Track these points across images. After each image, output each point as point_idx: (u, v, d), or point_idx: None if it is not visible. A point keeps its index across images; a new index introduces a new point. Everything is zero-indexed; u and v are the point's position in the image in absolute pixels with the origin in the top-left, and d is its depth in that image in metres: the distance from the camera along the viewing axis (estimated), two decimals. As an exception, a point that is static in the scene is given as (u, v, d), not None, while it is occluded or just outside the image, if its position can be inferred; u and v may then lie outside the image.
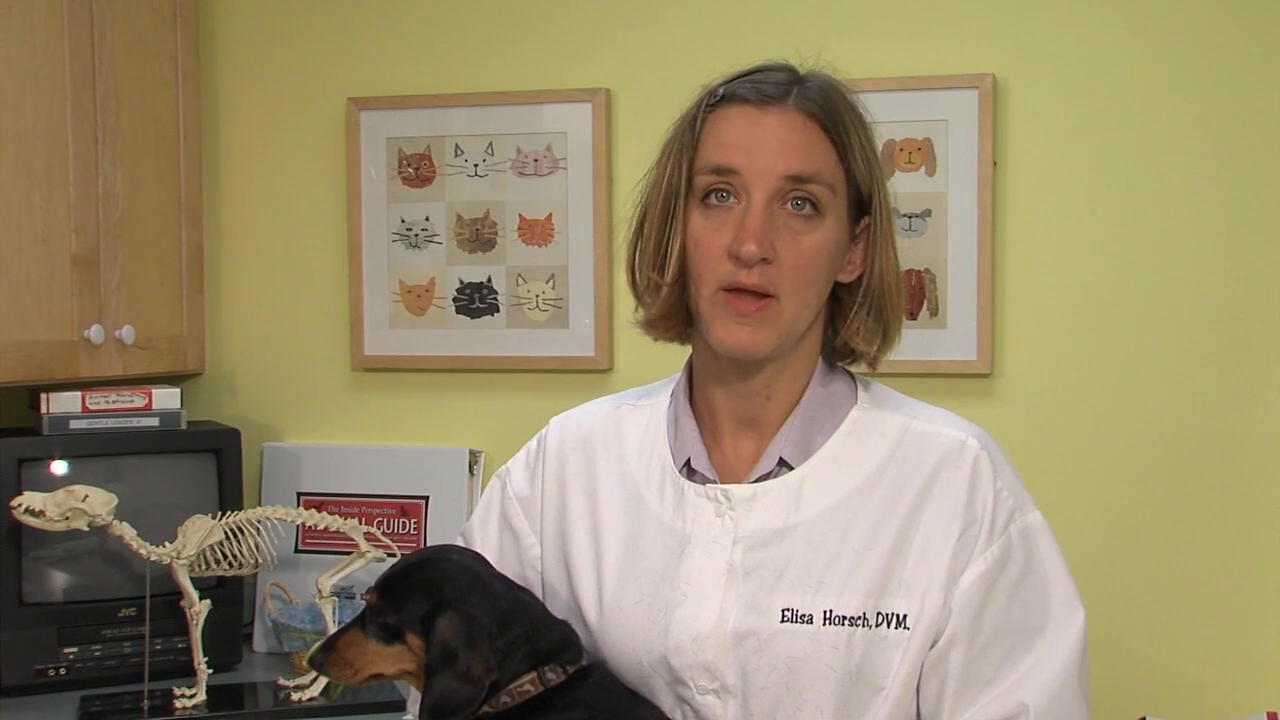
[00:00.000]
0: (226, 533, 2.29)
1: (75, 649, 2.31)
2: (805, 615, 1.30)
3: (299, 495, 2.62)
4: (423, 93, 2.59)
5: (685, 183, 1.34)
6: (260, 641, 2.56)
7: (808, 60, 1.38)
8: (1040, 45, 2.35)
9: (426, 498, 2.58)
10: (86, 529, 2.17)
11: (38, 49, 2.20)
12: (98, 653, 2.33)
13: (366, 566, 2.32)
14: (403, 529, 2.57)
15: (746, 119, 1.32)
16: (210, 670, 2.25)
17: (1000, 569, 1.31)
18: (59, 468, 2.33)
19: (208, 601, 2.25)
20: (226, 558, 2.30)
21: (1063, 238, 2.36)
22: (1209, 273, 2.30)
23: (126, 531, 2.20)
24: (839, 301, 1.39)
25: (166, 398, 2.45)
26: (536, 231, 2.56)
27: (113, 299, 2.37)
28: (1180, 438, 2.32)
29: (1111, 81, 2.33)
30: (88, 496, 2.16)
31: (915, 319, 2.38)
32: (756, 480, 1.36)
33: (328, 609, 2.29)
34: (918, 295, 2.39)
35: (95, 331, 2.29)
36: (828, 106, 1.33)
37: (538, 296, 2.56)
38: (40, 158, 2.21)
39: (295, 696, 2.23)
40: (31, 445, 2.33)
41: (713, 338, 1.33)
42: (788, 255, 1.30)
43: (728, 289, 1.31)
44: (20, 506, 2.14)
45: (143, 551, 2.21)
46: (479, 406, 2.61)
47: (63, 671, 2.31)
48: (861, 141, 1.35)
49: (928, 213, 2.38)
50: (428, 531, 2.57)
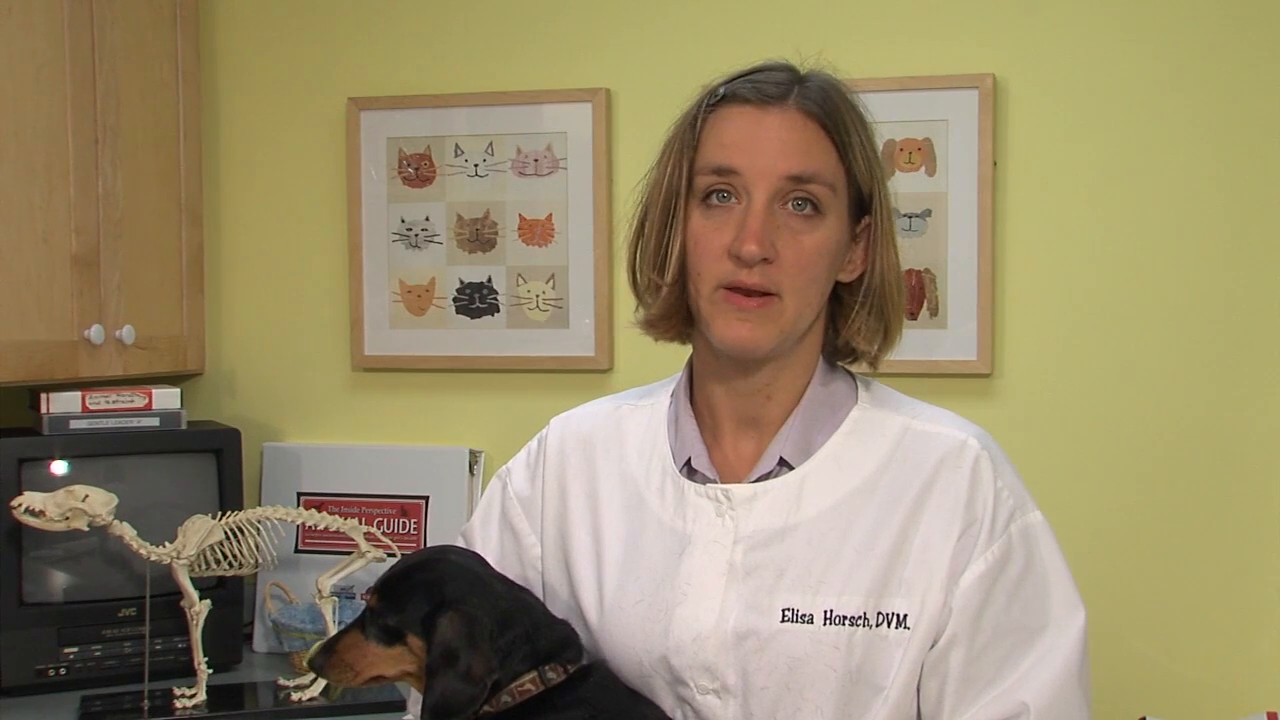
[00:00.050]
0: (226, 533, 2.29)
1: (75, 649, 2.31)
2: (806, 615, 1.30)
3: (299, 495, 2.62)
4: (423, 93, 2.59)
5: (686, 183, 1.34)
6: (260, 641, 2.56)
7: (808, 60, 1.38)
8: (1040, 45, 2.35)
9: (426, 498, 2.58)
10: (87, 529, 2.17)
11: (38, 49, 2.20)
12: (98, 653, 2.33)
13: (366, 566, 2.32)
14: (403, 529, 2.57)
15: (747, 119, 1.32)
16: (210, 670, 2.25)
17: (1001, 569, 1.31)
18: (59, 468, 2.33)
19: (208, 601, 2.25)
20: (226, 558, 2.30)
21: (1063, 238, 2.36)
22: (1209, 273, 2.31)
23: (126, 531, 2.20)
24: (840, 301, 1.39)
25: (166, 398, 2.45)
26: (536, 231, 2.56)
27: (113, 299, 2.37)
28: (1180, 438, 2.32)
29: (1111, 81, 2.33)
30: (88, 496, 2.16)
31: (915, 319, 2.38)
32: (757, 480, 1.36)
33: (328, 609, 2.29)
34: (918, 295, 2.39)
35: (95, 331, 2.29)
36: (828, 106, 1.33)
37: (538, 296, 2.56)
38: (40, 158, 2.21)
39: (295, 696, 2.23)
40: (32, 445, 2.33)
41: (713, 335, 1.33)
42: (789, 254, 1.30)
43: (728, 287, 1.31)
44: (20, 506, 2.14)
45: (143, 551, 2.21)
46: (479, 406, 2.61)
47: (63, 671, 2.31)
48: (862, 141, 1.35)
49: (928, 213, 2.38)
50: (428, 531, 2.57)
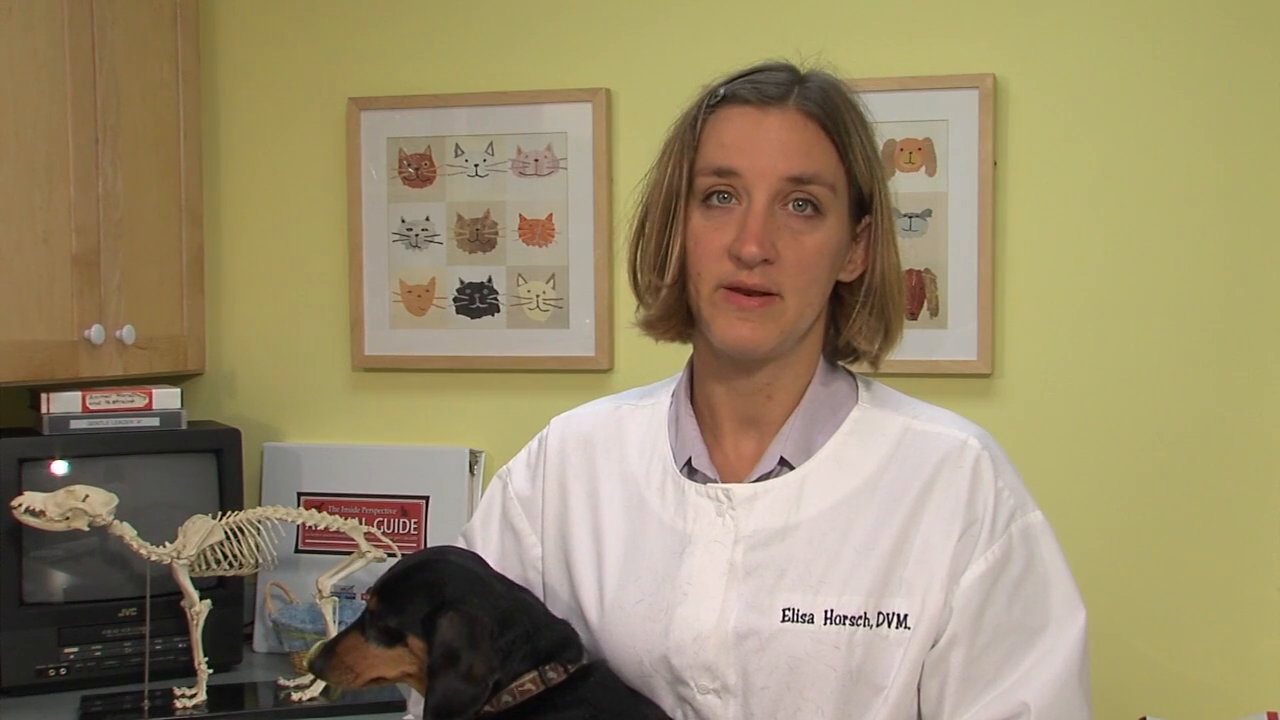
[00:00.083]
0: (227, 533, 2.29)
1: (76, 649, 2.31)
2: (806, 615, 1.30)
3: (299, 495, 2.62)
4: (423, 93, 2.59)
5: (686, 184, 1.34)
6: (260, 641, 2.56)
7: (808, 60, 1.38)
8: (1040, 45, 2.35)
9: (427, 498, 2.58)
10: (87, 529, 2.17)
11: (38, 49, 2.20)
12: (98, 653, 2.33)
13: (367, 566, 2.32)
14: (403, 529, 2.57)
15: (747, 120, 1.32)
16: (210, 670, 2.25)
17: (1001, 569, 1.31)
18: (59, 468, 2.33)
19: (208, 601, 2.25)
20: (227, 558, 2.30)
21: (1063, 238, 2.36)
22: (1209, 273, 2.31)
23: (127, 531, 2.20)
24: (840, 300, 1.39)
25: (167, 398, 2.45)
26: (537, 231, 2.56)
27: (113, 299, 2.37)
28: (1180, 437, 2.32)
29: (1111, 81, 2.33)
30: (88, 496, 2.16)
31: (915, 319, 2.38)
32: (757, 480, 1.36)
33: (328, 609, 2.29)
34: (918, 295, 2.39)
35: (95, 331, 2.29)
36: (828, 107, 1.33)
37: (538, 296, 2.56)
38: (41, 158, 2.21)
39: (295, 696, 2.23)
40: (32, 445, 2.33)
41: (714, 334, 1.33)
42: (789, 255, 1.30)
43: (728, 287, 1.31)
44: (21, 506, 2.14)
45: (143, 551, 2.21)
46: (479, 406, 2.61)
47: (63, 671, 2.31)
48: (862, 141, 1.35)
49: (928, 213, 2.38)
50: (428, 531, 2.57)
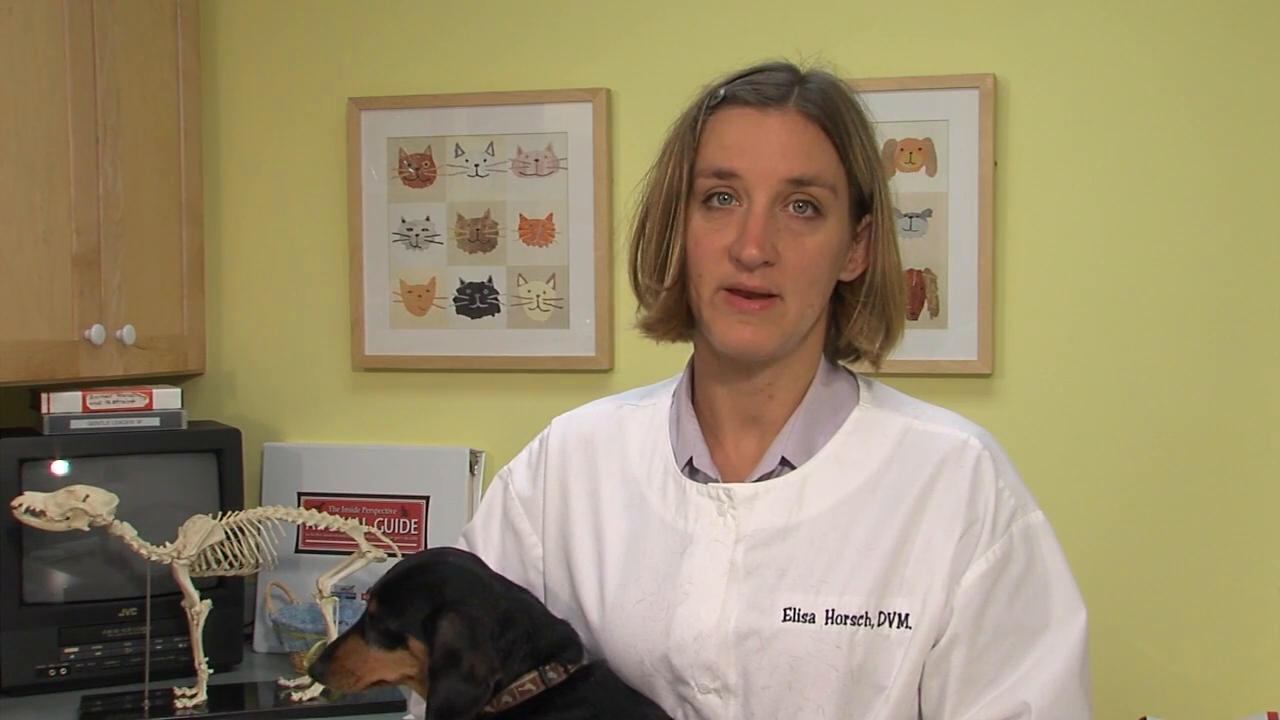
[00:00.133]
0: (227, 533, 2.29)
1: (76, 649, 2.31)
2: (807, 614, 1.30)
3: (299, 495, 2.62)
4: (423, 93, 2.59)
5: (686, 185, 1.33)
6: (261, 641, 2.56)
7: (808, 60, 1.38)
8: (1040, 45, 2.35)
9: (427, 498, 2.58)
10: (87, 529, 2.17)
11: (38, 49, 2.20)
12: (98, 653, 2.33)
13: (367, 566, 2.32)
14: (403, 529, 2.57)
15: (747, 121, 1.32)
16: (211, 670, 2.25)
17: (1002, 568, 1.31)
18: (60, 468, 2.33)
19: (208, 601, 2.25)
20: (227, 558, 2.30)
21: (1063, 238, 2.36)
22: (1209, 273, 2.31)
23: (127, 531, 2.20)
24: (841, 300, 1.39)
25: (167, 398, 2.45)
26: (537, 231, 2.56)
27: (113, 299, 2.37)
28: (1180, 437, 2.32)
29: (1111, 81, 2.33)
30: (88, 496, 2.16)
31: (916, 319, 2.38)
32: (759, 479, 1.36)
33: (328, 609, 2.29)
34: (918, 295, 2.39)
35: (96, 331, 2.29)
36: (828, 107, 1.32)
37: (538, 296, 2.56)
38: (41, 158, 2.21)
39: (296, 696, 2.23)
40: (32, 445, 2.33)
41: (715, 337, 1.33)
42: (790, 256, 1.30)
43: (729, 289, 1.31)
44: (21, 506, 2.14)
45: (143, 551, 2.21)
46: (479, 406, 2.61)
47: (63, 671, 2.31)
48: (862, 141, 1.35)
49: (928, 213, 2.38)
50: (428, 531, 2.57)
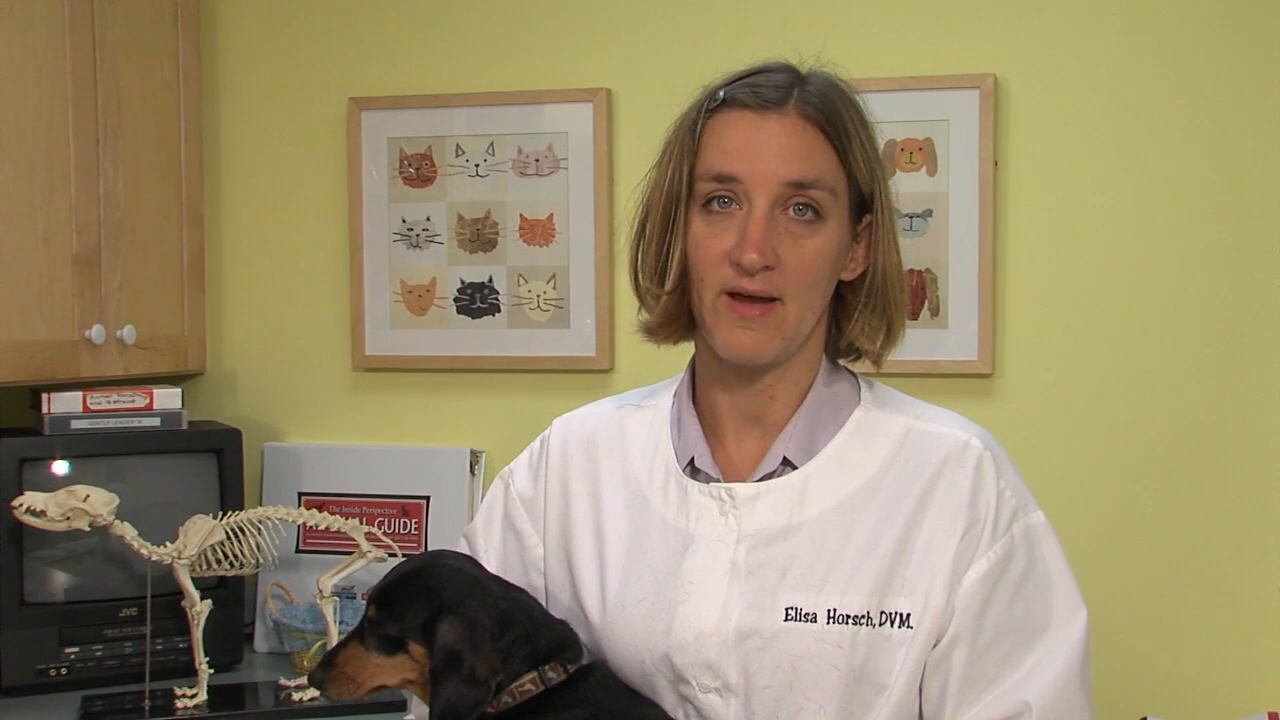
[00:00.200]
0: (227, 533, 2.29)
1: (76, 649, 2.31)
2: (809, 614, 1.30)
3: (300, 495, 2.62)
4: (423, 93, 2.59)
5: (686, 188, 1.33)
6: (261, 641, 2.56)
7: (808, 60, 1.38)
8: (1041, 45, 2.35)
9: (427, 498, 2.58)
10: (88, 529, 2.17)
11: (38, 49, 2.20)
12: (99, 653, 2.33)
13: (367, 566, 2.32)
14: (404, 529, 2.57)
15: (746, 124, 1.32)
16: (211, 670, 2.25)
17: (1003, 569, 1.31)
18: (60, 468, 2.33)
19: (209, 601, 2.25)
20: (227, 558, 2.30)
21: (1063, 237, 2.36)
22: (1209, 273, 2.31)
23: (128, 531, 2.20)
24: (842, 300, 1.39)
25: (167, 398, 2.45)
26: (537, 231, 2.56)
27: (114, 299, 2.37)
28: (1181, 438, 2.32)
29: (1111, 81, 2.33)
30: (89, 496, 2.16)
31: (916, 319, 2.38)
32: (760, 479, 1.36)
33: (329, 609, 2.29)
34: (919, 295, 2.39)
35: (96, 331, 2.29)
36: (828, 109, 1.32)
37: (539, 297, 2.56)
38: (41, 158, 2.21)
39: (296, 696, 2.23)
40: (33, 445, 2.33)
41: (716, 343, 1.33)
42: (791, 259, 1.29)
43: (730, 293, 1.31)
44: (21, 506, 2.14)
45: (144, 551, 2.21)
46: (480, 406, 2.61)
47: (64, 671, 2.31)
48: (862, 142, 1.34)
49: (929, 213, 2.38)
50: (429, 531, 2.57)
